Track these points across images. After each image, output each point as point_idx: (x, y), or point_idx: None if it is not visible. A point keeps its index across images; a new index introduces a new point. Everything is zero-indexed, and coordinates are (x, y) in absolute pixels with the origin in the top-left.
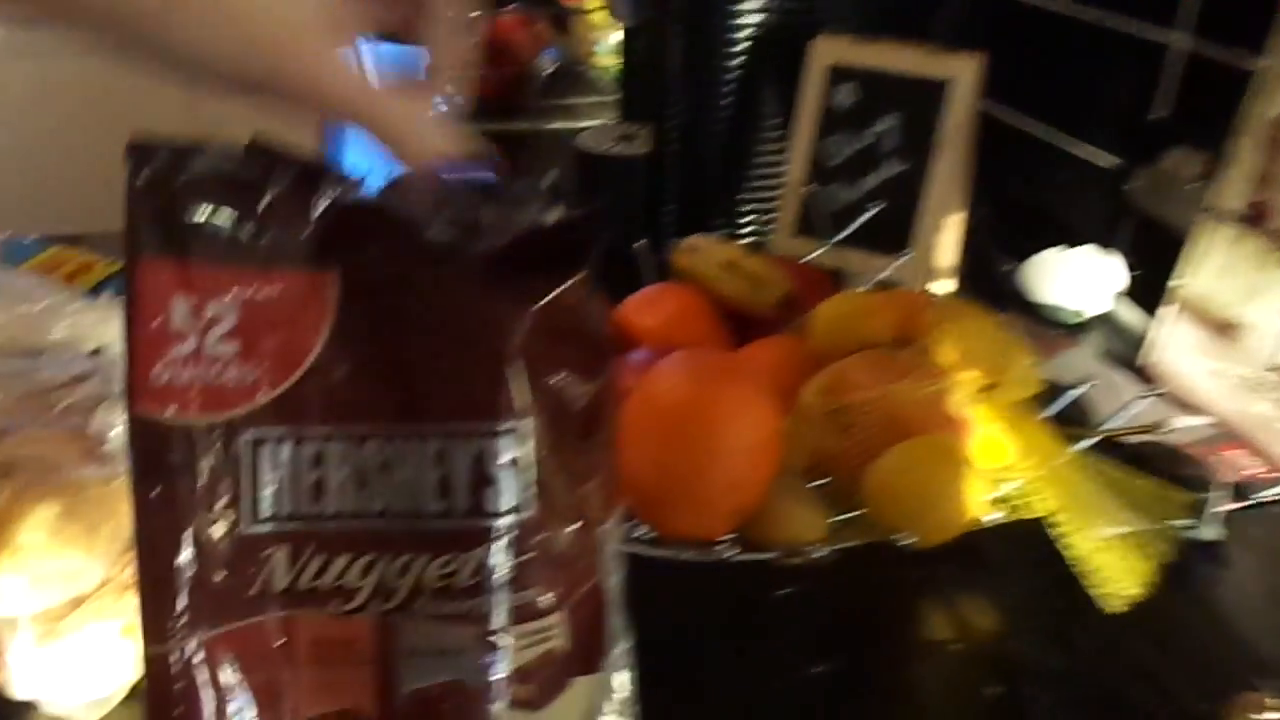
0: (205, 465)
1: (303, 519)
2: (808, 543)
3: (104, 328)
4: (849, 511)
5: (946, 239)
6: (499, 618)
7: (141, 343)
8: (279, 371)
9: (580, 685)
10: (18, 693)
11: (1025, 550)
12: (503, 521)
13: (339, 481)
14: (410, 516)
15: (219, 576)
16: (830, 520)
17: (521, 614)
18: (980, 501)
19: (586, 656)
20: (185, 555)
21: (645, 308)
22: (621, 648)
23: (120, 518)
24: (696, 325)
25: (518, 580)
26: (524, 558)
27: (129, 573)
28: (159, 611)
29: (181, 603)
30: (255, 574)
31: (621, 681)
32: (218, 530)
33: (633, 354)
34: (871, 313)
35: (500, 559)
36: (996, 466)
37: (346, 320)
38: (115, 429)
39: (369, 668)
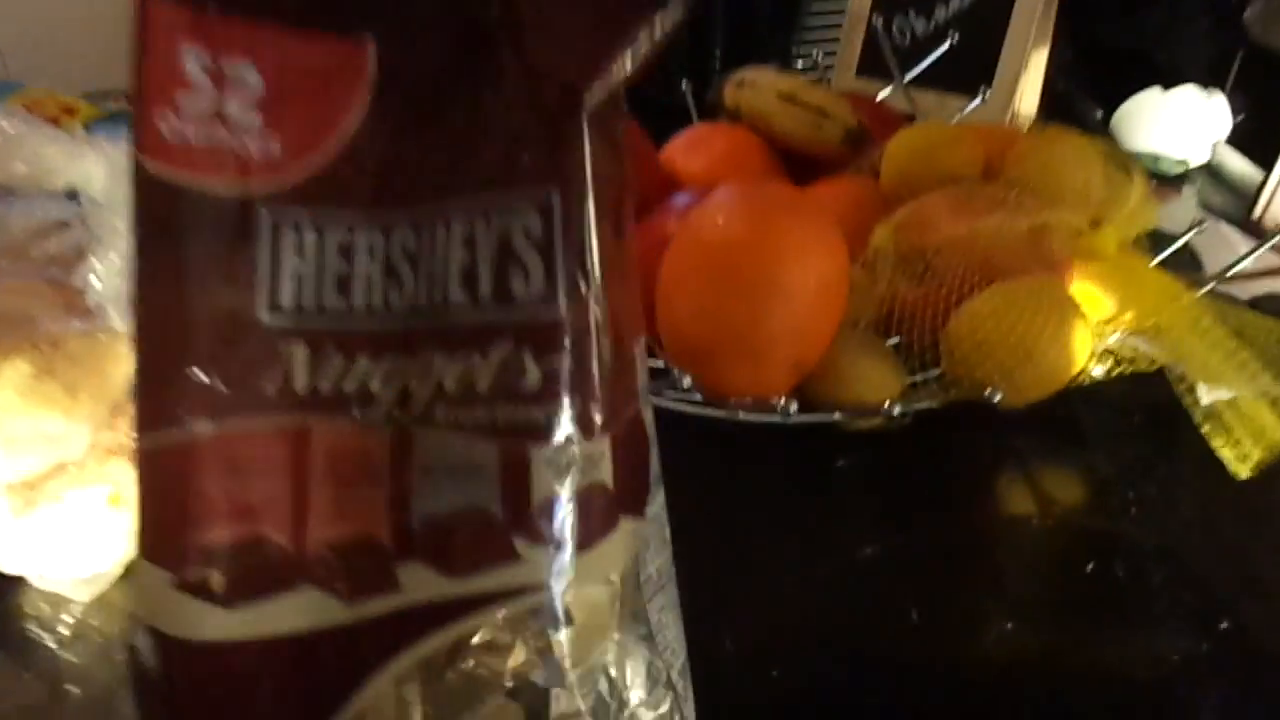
0: (218, 239)
1: (325, 315)
2: (877, 403)
3: (77, 164)
4: (924, 369)
5: (1030, 79)
6: (523, 431)
7: (150, 87)
8: (306, 150)
9: (625, 531)
10: (2, 566)
11: (1122, 414)
12: (529, 313)
13: (366, 274)
14: (435, 311)
15: (229, 367)
16: (903, 379)
17: (551, 432)
18: (1083, 353)
19: (630, 497)
20: (191, 335)
21: (691, 149)
22: (661, 498)
23: (104, 376)
24: (749, 167)
25: (547, 388)
26: (553, 362)
27: (114, 437)
28: (157, 396)
29: (184, 388)
30: (270, 371)
31: (665, 536)
32: (230, 314)
33: (675, 197)
34: (953, 144)
35: (526, 360)
36: (1101, 315)
37: (385, 96)
38: (99, 280)
39: (383, 487)
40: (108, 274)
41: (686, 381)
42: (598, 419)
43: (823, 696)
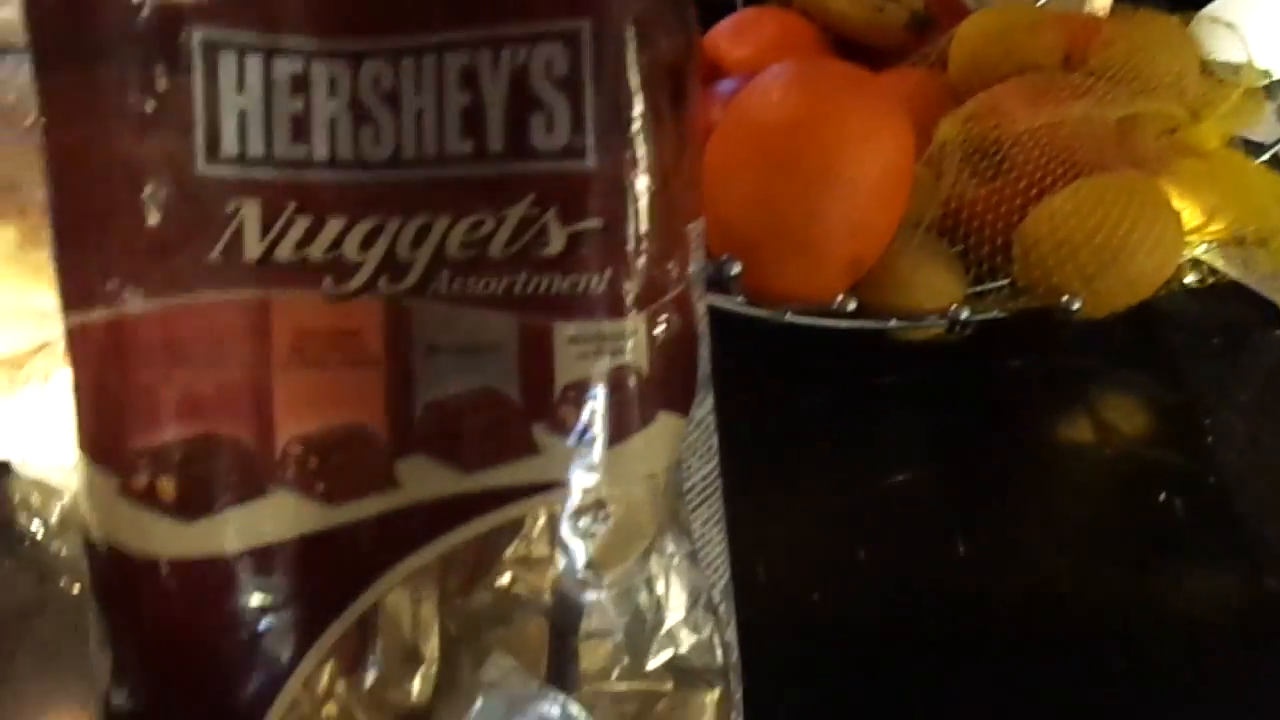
0: (137, 63)
1: (279, 164)
2: (939, 311)
3: None
4: (991, 277)
5: None
6: (544, 303)
7: None
8: None
9: (665, 426)
10: None
11: (1197, 334)
12: (553, 166)
13: (328, 116)
14: (426, 163)
15: (163, 229)
16: (965, 286)
17: (577, 306)
18: (1174, 259)
19: (672, 391)
20: (114, 189)
21: (737, 35)
22: (710, 402)
23: None
24: (801, 54)
25: (573, 254)
26: (581, 224)
27: None
28: (78, 266)
29: (109, 256)
30: (214, 234)
31: (713, 445)
32: (160, 163)
33: (719, 84)
34: (1032, 29)
35: (549, 221)
36: (1195, 218)
37: None
38: None
39: (376, 370)
40: None
41: (735, 269)
42: (633, 294)
43: (863, 624)
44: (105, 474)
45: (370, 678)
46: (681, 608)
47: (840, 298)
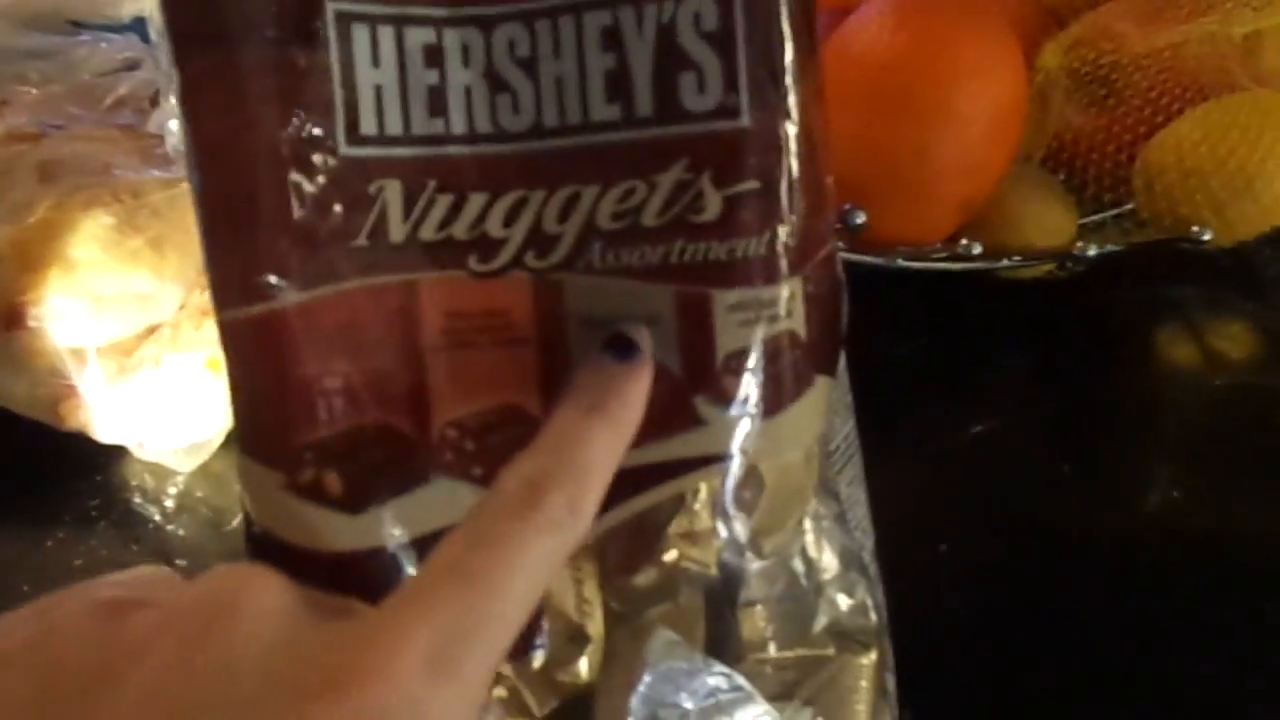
0: (276, 44)
1: (417, 141)
2: (1054, 249)
3: None
4: (1103, 209)
5: None
6: (702, 271)
7: None
8: None
9: (821, 390)
10: (100, 435)
11: None
12: (706, 127)
13: (464, 86)
14: (570, 132)
15: (311, 217)
16: (1076, 220)
17: (736, 272)
18: None
19: (824, 352)
20: (261, 179)
21: None
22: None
23: (189, 232)
24: None
25: (730, 218)
26: (739, 187)
27: (206, 299)
28: (230, 260)
29: (261, 249)
30: (360, 218)
31: (849, 400)
32: (304, 148)
33: None
34: None
35: (704, 185)
36: None
37: None
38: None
39: (527, 348)
40: None
41: (861, 218)
42: (790, 256)
43: (971, 563)
44: (269, 470)
45: (538, 659)
46: (834, 571)
47: (963, 241)
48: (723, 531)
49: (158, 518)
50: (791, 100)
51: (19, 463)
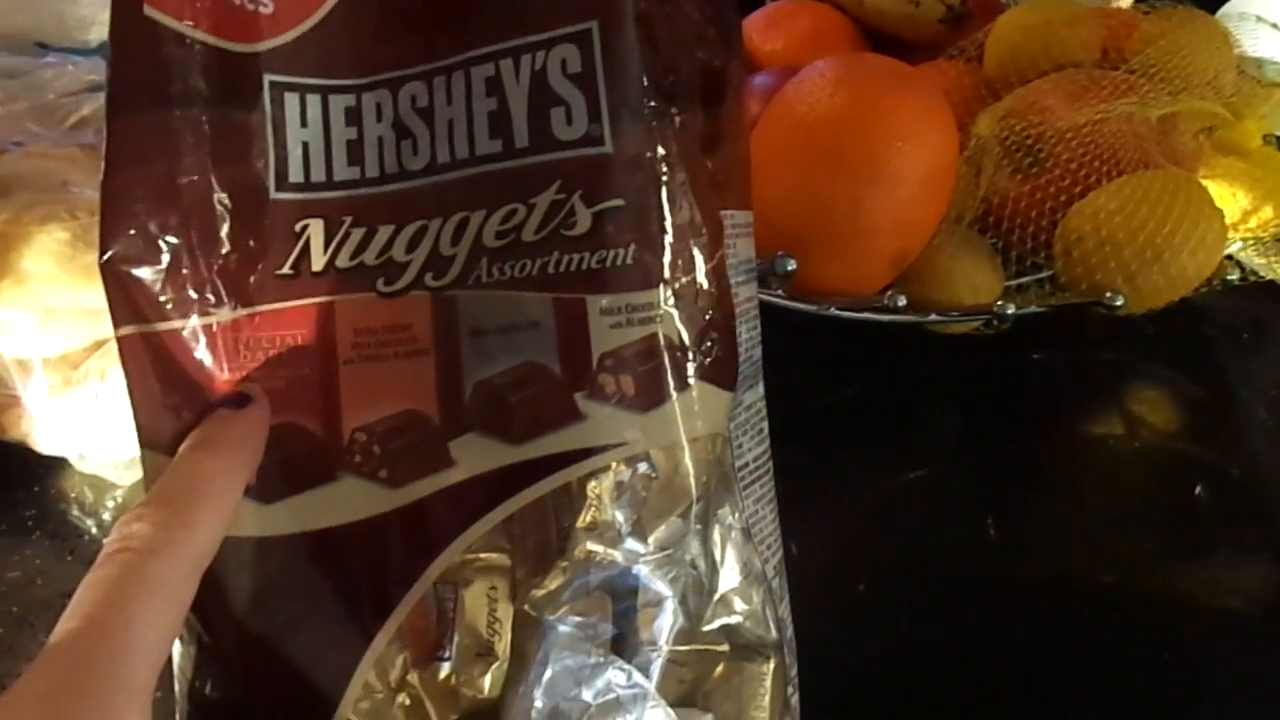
0: (219, 103)
1: (337, 186)
2: (978, 306)
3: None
4: (1028, 271)
5: None
6: (576, 279)
7: None
8: (302, 6)
9: (704, 393)
10: (41, 446)
11: (1227, 331)
12: (574, 153)
13: (376, 137)
14: (460, 165)
15: (243, 246)
16: (1003, 280)
17: (607, 279)
18: (1216, 256)
19: (709, 363)
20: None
21: (770, 27)
22: (761, 389)
23: None
24: (834, 48)
25: (599, 232)
26: (606, 204)
27: None
28: (165, 278)
29: (199, 270)
30: (285, 250)
31: (764, 429)
32: (239, 188)
33: (754, 78)
34: (1071, 24)
35: (575, 203)
36: (1234, 215)
37: None
38: None
39: (427, 359)
40: None
41: (791, 265)
42: (660, 267)
43: (893, 609)
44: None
45: (444, 670)
46: (735, 577)
47: (890, 293)
48: (620, 521)
49: (94, 530)
50: (656, 132)
51: None
